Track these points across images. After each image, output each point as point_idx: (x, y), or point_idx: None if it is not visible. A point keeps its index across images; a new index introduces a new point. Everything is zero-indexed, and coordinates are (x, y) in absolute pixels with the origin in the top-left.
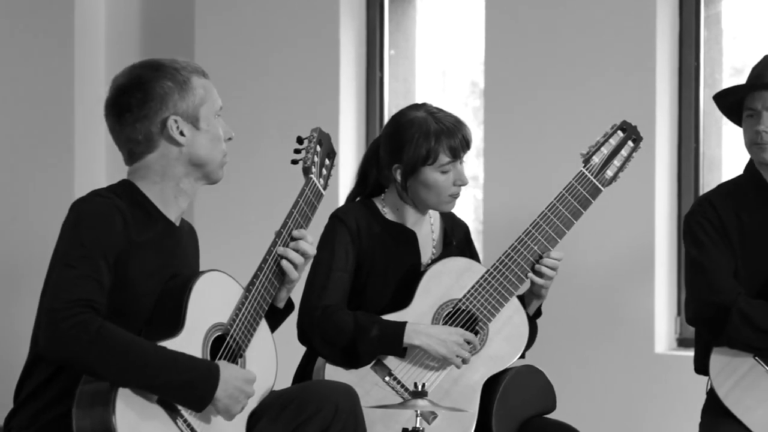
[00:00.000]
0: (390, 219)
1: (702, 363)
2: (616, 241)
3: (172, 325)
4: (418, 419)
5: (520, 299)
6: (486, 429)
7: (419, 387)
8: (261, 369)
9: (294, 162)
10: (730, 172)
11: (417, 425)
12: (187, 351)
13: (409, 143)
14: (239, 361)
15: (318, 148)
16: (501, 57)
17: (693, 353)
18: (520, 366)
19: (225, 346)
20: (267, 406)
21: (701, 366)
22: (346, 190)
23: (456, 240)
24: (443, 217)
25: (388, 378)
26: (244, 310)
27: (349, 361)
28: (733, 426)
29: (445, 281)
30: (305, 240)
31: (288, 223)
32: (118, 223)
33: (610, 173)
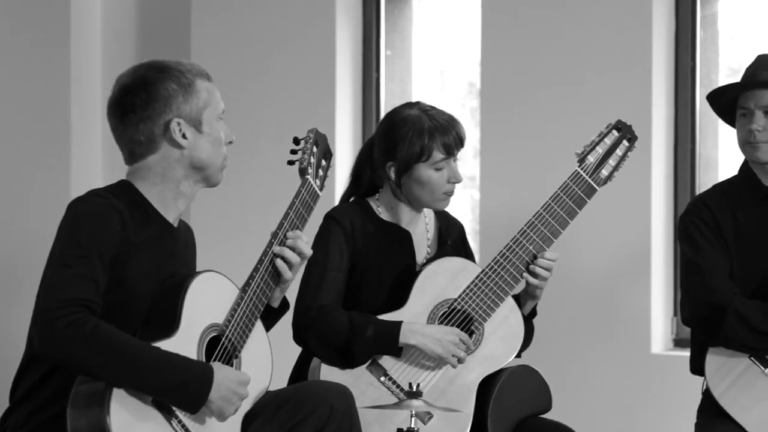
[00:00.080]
0: (384, 219)
1: (697, 363)
2: (612, 241)
3: (167, 326)
4: (413, 419)
5: (515, 299)
6: (481, 429)
7: (414, 387)
8: (256, 370)
9: (290, 163)
10: (726, 172)
11: (412, 425)
12: (183, 352)
13: (403, 141)
14: (234, 362)
15: (314, 148)
16: (497, 57)
17: (689, 354)
18: (515, 366)
19: (220, 346)
20: (262, 406)
21: (697, 366)
22: (342, 190)
23: (451, 239)
24: (438, 217)
25: (383, 378)
26: (239, 310)
27: (345, 361)
28: (729, 426)
29: (441, 281)
30: (301, 239)
31: (284, 224)
32: (115, 224)
33: (605, 172)
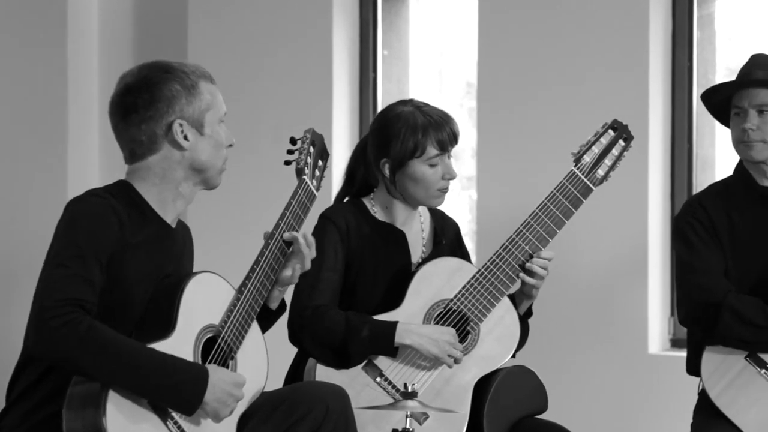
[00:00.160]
0: (379, 219)
1: (694, 364)
2: (609, 242)
3: (163, 326)
4: (408, 420)
5: (511, 299)
6: (477, 429)
7: (409, 388)
8: (252, 371)
9: (287, 163)
10: (723, 172)
11: (407, 426)
12: (179, 353)
13: (397, 137)
14: (230, 363)
15: (311, 149)
16: (495, 57)
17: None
18: (511, 366)
19: (216, 347)
20: (258, 407)
21: (693, 367)
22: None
23: (446, 239)
24: (433, 216)
25: (379, 379)
26: (236, 311)
27: (340, 362)
28: (725, 427)
29: (436, 281)
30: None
31: (280, 224)
32: (113, 224)
33: (601, 172)
